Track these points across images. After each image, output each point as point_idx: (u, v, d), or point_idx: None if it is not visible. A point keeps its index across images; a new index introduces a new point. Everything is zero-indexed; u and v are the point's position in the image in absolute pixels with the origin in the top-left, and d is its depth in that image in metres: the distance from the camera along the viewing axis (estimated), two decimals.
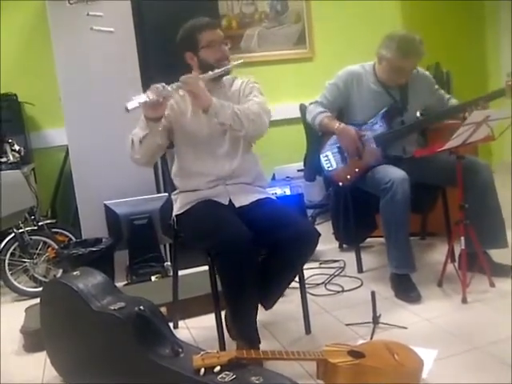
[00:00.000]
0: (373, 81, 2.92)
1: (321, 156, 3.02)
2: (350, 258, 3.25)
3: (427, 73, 3.07)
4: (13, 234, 3.22)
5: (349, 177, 2.92)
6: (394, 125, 2.89)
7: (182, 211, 2.31)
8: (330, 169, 2.99)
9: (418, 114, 3.03)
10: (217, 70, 2.22)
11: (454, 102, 2.98)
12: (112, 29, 3.31)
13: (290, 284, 2.30)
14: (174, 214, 2.36)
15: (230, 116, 2.15)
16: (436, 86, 3.05)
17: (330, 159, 2.99)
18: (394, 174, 2.67)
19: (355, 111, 2.96)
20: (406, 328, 2.32)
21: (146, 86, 3.32)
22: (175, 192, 2.41)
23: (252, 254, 2.02)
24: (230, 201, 2.29)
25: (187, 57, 2.31)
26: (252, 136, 2.28)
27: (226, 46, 2.32)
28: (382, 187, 2.66)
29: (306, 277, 2.51)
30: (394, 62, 2.76)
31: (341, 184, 2.97)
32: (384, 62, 2.82)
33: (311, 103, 3.05)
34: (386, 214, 2.69)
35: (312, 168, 3.21)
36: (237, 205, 2.28)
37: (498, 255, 2.79)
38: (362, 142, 2.89)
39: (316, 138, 3.12)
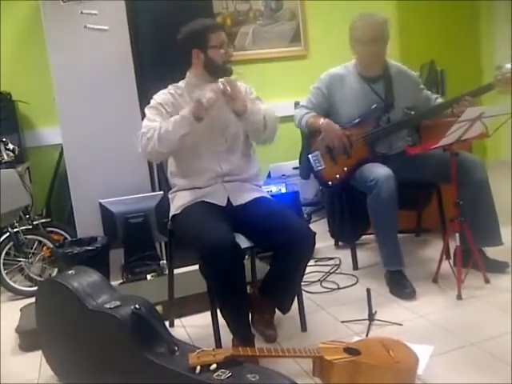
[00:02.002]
0: (356, 80, 2.94)
1: (310, 156, 3.02)
2: (345, 255, 3.25)
3: (412, 71, 3.08)
4: (7, 234, 3.21)
5: (338, 176, 2.93)
6: (381, 122, 2.90)
7: (178, 211, 2.31)
8: (319, 168, 3.00)
9: (404, 110, 3.03)
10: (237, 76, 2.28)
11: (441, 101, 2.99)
12: (106, 27, 3.30)
13: (298, 285, 2.34)
14: (171, 213, 2.35)
15: (261, 120, 2.26)
16: (421, 86, 3.08)
17: (319, 159, 3.00)
18: (378, 171, 2.68)
19: (341, 112, 2.97)
20: (401, 325, 2.32)
21: (140, 85, 3.37)
22: (172, 191, 2.41)
23: (234, 258, 2.03)
24: (228, 199, 2.29)
25: (194, 54, 2.31)
26: (268, 140, 2.37)
27: (231, 48, 2.37)
28: (368, 185, 2.68)
29: None
30: (363, 34, 2.79)
31: (330, 183, 2.98)
32: (357, 45, 2.85)
33: (296, 108, 3.09)
34: (373, 211, 2.71)
35: (307, 166, 3.21)
36: (235, 203, 2.29)
37: (492, 251, 2.80)
38: (349, 141, 2.90)
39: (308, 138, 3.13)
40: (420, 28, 4.03)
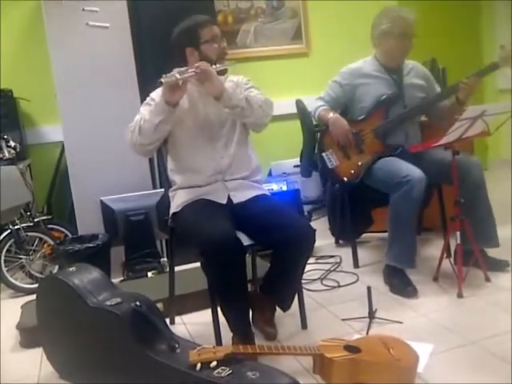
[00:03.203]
0: (375, 69, 2.96)
1: (323, 155, 3.01)
2: (346, 253, 3.25)
3: (429, 73, 3.11)
4: (9, 231, 3.21)
5: (352, 171, 2.92)
6: (394, 112, 2.89)
7: (179, 209, 2.30)
8: (332, 166, 2.98)
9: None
10: (219, 66, 2.20)
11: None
12: (107, 24, 3.30)
13: (299, 283, 2.33)
14: (172, 211, 2.35)
15: (243, 99, 2.18)
16: (437, 87, 3.07)
17: (332, 156, 2.99)
18: (413, 170, 2.64)
19: (362, 102, 2.95)
20: (401, 323, 2.32)
21: (141, 82, 3.37)
22: (173, 188, 2.40)
23: (234, 255, 2.03)
24: (229, 197, 2.29)
25: (187, 52, 2.29)
26: (259, 123, 2.29)
27: (223, 40, 2.33)
28: (398, 181, 2.63)
29: None
30: (395, 28, 2.81)
31: (345, 179, 2.96)
32: (386, 36, 2.85)
33: (315, 100, 3.08)
34: (397, 208, 2.66)
35: (308, 164, 3.21)
36: (235, 201, 2.28)
37: (492, 250, 2.79)
38: (360, 136, 2.90)
39: (312, 133, 3.13)
40: (421, 26, 3.94)
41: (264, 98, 2.30)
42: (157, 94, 2.29)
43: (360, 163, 2.90)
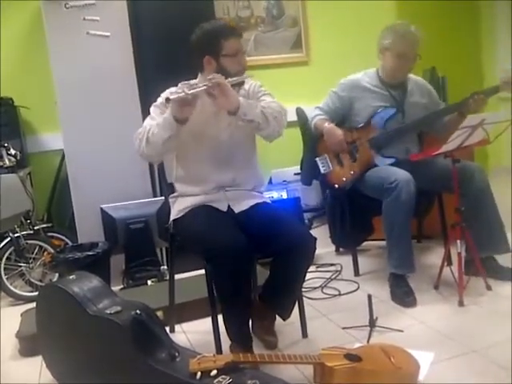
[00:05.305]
0: (375, 83, 2.96)
1: (317, 159, 3.03)
2: (346, 261, 3.25)
3: (433, 90, 3.10)
4: (9, 239, 3.21)
5: (344, 179, 2.93)
6: (391, 125, 2.90)
7: (181, 214, 2.29)
8: (325, 171, 3.01)
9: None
10: (235, 78, 2.15)
11: None
12: (108, 33, 3.31)
13: (299, 291, 2.33)
14: (172, 218, 2.34)
15: (259, 114, 2.12)
16: (438, 100, 3.07)
17: (326, 161, 3.00)
18: (400, 174, 2.66)
19: (358, 115, 2.97)
20: (402, 331, 2.32)
21: (142, 90, 3.38)
22: (173, 195, 2.40)
23: (244, 261, 2.02)
24: (229, 207, 2.28)
25: (205, 60, 2.23)
26: (274, 134, 2.23)
27: (244, 54, 2.28)
28: (386, 187, 2.65)
29: None
30: (396, 47, 2.80)
31: (336, 186, 2.98)
32: (387, 52, 2.86)
33: (314, 109, 3.10)
34: (389, 213, 2.68)
35: (309, 172, 3.21)
36: (236, 210, 2.27)
37: (501, 258, 2.78)
38: (355, 145, 2.91)
39: (312, 141, 3.13)
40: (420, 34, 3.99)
41: (279, 107, 2.24)
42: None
43: (352, 172, 2.92)
